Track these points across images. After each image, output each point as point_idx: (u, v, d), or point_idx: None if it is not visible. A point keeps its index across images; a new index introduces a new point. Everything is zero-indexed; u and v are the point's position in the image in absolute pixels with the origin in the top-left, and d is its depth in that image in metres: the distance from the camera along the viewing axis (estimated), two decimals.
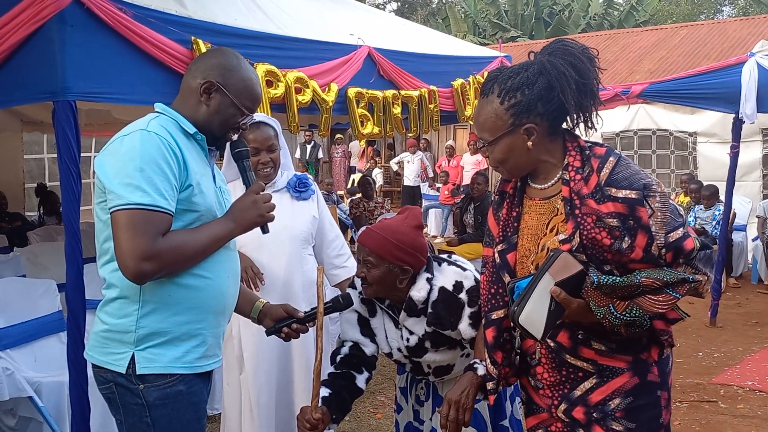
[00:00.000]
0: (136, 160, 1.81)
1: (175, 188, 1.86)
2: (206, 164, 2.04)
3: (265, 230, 2.09)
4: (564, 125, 1.93)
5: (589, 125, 1.89)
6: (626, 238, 1.77)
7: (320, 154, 15.10)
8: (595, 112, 1.88)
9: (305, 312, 2.27)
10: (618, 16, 23.99)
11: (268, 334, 2.29)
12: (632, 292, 1.77)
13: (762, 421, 4.32)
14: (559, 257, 1.75)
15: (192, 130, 1.99)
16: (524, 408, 2.13)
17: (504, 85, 1.84)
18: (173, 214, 1.85)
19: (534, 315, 1.75)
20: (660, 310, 1.78)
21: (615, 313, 1.76)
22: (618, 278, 1.77)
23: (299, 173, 3.17)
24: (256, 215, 2.02)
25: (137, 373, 1.89)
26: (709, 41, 14.22)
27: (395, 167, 14.85)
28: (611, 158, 1.84)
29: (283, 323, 2.25)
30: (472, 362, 2.16)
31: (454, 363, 2.51)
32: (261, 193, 2.05)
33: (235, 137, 2.11)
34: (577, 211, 1.81)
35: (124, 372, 1.89)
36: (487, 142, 1.90)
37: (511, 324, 2.01)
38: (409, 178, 13.80)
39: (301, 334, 2.29)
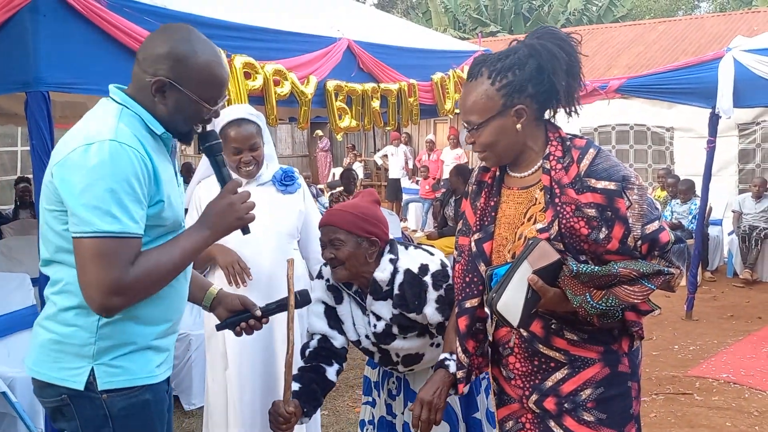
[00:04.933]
0: (107, 179, 1.59)
1: (145, 208, 1.68)
2: (169, 163, 1.84)
3: (245, 231, 1.91)
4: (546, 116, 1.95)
5: (573, 110, 1.89)
6: (603, 229, 1.78)
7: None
8: (578, 98, 1.89)
9: (261, 308, 2.13)
10: (597, 12, 24.12)
11: (219, 328, 2.15)
12: (609, 281, 1.78)
13: (736, 413, 4.37)
14: (537, 246, 1.76)
15: (160, 130, 1.77)
16: (495, 399, 2.14)
17: (494, 66, 1.84)
18: (142, 236, 1.68)
19: (511, 302, 1.76)
20: (635, 301, 1.80)
21: (591, 302, 1.77)
22: (596, 267, 1.78)
23: (285, 167, 3.13)
24: (234, 219, 1.82)
25: (99, 389, 1.72)
26: (686, 37, 14.33)
27: (380, 161, 14.86)
28: (591, 150, 1.86)
29: (236, 318, 2.10)
30: (442, 358, 2.16)
31: (423, 352, 2.50)
32: (238, 191, 1.86)
33: (199, 130, 1.87)
34: (556, 200, 1.82)
35: (82, 389, 1.71)
36: (476, 125, 1.87)
37: (485, 313, 2.02)
38: (394, 171, 13.83)
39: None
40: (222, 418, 3.04)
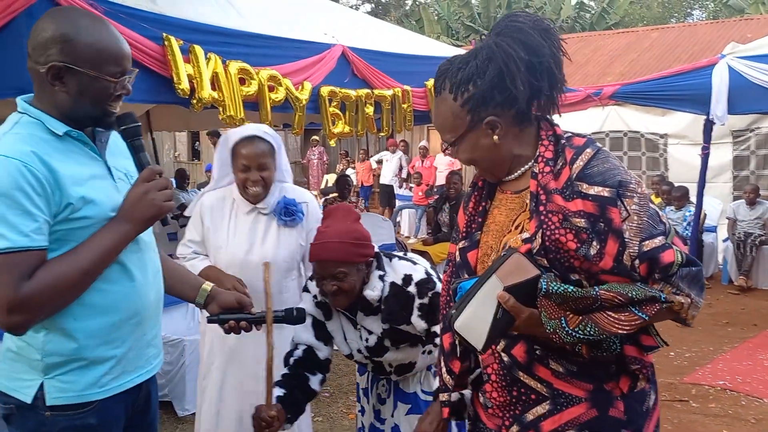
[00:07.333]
0: None
1: (43, 219, 1.58)
2: (94, 160, 1.74)
3: (165, 223, 1.79)
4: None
5: (554, 109, 1.66)
6: (595, 243, 1.52)
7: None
8: (556, 93, 1.64)
9: (261, 311, 2.10)
10: (590, 19, 24.24)
11: (209, 321, 2.09)
12: (589, 305, 1.51)
13: (733, 420, 4.36)
14: (510, 258, 1.52)
15: (62, 130, 1.66)
16: (470, 425, 1.92)
17: (454, 78, 1.63)
18: (43, 248, 1.59)
19: (474, 322, 1.51)
20: (620, 331, 1.51)
21: (566, 329, 1.51)
22: (570, 288, 1.51)
23: (288, 197, 2.95)
24: (150, 208, 1.71)
25: (47, 404, 1.67)
26: (679, 44, 14.42)
27: (375, 165, 14.92)
28: (588, 150, 1.60)
29: (230, 315, 2.06)
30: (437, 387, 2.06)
31: (415, 360, 2.50)
32: (155, 179, 1.73)
33: (116, 110, 1.74)
34: (541, 208, 1.58)
35: (30, 402, 1.67)
36: (451, 143, 1.68)
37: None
38: (386, 177, 13.85)
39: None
40: (212, 425, 3.03)
